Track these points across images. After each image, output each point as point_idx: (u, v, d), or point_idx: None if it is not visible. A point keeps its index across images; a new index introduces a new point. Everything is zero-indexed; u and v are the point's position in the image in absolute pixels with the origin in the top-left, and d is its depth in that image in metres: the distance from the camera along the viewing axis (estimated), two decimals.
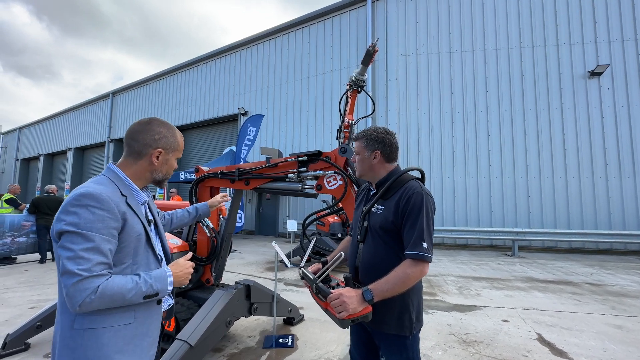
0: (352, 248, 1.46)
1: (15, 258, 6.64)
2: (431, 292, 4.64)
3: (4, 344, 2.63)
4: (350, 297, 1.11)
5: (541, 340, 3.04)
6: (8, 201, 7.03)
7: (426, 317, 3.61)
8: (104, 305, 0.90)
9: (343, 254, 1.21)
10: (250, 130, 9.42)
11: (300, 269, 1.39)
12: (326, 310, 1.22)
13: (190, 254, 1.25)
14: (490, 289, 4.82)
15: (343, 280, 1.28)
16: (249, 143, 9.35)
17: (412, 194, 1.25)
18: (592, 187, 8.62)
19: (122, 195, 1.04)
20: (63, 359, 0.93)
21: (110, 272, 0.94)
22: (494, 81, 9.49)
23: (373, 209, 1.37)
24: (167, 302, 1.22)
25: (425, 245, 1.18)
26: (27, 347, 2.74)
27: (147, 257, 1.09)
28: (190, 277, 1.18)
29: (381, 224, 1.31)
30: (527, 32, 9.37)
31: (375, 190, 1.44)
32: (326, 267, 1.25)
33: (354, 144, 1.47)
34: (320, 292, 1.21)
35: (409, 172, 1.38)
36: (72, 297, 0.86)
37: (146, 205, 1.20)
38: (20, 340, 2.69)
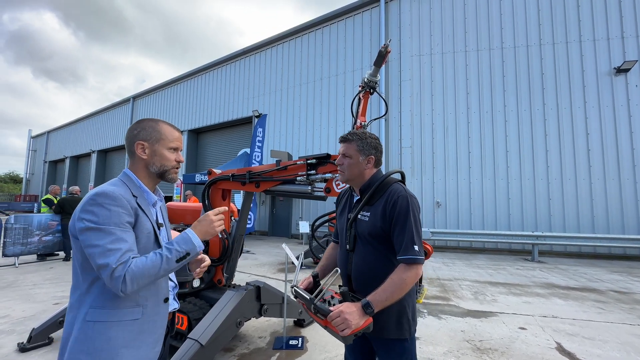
0: (342, 257, 1.42)
1: (58, 254, 7.30)
2: (445, 296, 4.54)
3: (30, 337, 2.78)
4: (351, 313, 1.10)
5: (560, 349, 2.92)
6: (45, 201, 7.73)
7: (439, 323, 3.54)
8: (144, 282, 0.97)
9: (339, 270, 1.20)
10: (259, 132, 9.59)
11: (292, 287, 1.36)
12: (326, 327, 1.19)
13: (222, 209, 1.20)
14: (508, 295, 4.66)
15: (337, 292, 1.26)
16: (259, 144, 9.53)
17: (397, 197, 1.26)
18: (618, 189, 8.20)
19: (133, 195, 1.11)
20: (74, 351, 0.98)
21: (136, 256, 1.00)
22: (512, 80, 9.20)
23: (359, 216, 1.35)
24: (173, 305, 1.27)
25: (416, 248, 1.19)
26: (50, 341, 2.88)
27: None
28: (220, 225, 1.16)
29: (370, 231, 1.30)
30: (548, 29, 9.04)
31: (359, 196, 1.41)
32: (321, 286, 1.23)
33: (342, 146, 1.40)
34: (320, 311, 1.18)
35: (391, 175, 1.37)
36: (113, 287, 0.94)
37: (158, 208, 1.25)
38: (44, 334, 2.84)
